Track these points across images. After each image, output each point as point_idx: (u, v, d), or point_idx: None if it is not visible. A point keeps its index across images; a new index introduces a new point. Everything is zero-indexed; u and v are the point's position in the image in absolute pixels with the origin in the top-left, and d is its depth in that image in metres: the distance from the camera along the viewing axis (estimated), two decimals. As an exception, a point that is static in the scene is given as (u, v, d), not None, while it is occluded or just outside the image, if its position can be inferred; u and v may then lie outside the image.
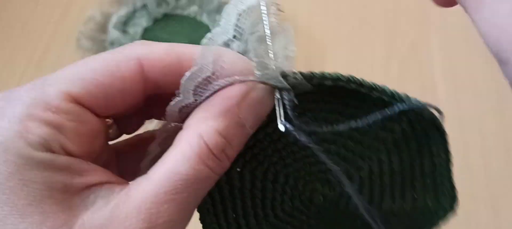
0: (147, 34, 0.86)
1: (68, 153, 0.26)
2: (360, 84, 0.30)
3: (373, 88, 0.30)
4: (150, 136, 0.34)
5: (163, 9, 0.88)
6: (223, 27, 0.30)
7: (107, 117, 0.31)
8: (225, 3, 0.86)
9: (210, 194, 0.31)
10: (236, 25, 0.31)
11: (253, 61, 0.29)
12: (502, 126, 0.72)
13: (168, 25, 0.87)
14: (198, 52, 0.28)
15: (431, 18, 0.83)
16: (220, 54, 0.28)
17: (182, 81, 0.28)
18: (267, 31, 0.30)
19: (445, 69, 0.78)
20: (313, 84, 0.30)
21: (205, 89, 0.28)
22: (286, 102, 0.29)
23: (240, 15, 0.31)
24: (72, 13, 0.90)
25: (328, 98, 0.31)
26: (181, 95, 0.28)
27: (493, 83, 0.75)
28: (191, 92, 0.28)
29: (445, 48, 0.80)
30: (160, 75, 0.29)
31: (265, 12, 0.31)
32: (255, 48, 0.30)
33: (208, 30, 0.86)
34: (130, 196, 0.25)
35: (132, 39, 0.84)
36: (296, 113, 0.29)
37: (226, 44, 0.30)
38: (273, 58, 0.29)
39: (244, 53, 0.30)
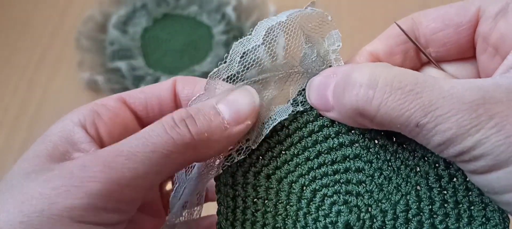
0: (147, 34, 0.86)
1: (98, 135, 0.33)
2: None
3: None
4: None
5: (163, 9, 0.88)
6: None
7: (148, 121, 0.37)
8: (225, 3, 0.87)
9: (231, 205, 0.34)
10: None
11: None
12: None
13: (168, 25, 0.87)
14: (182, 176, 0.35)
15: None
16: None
17: (170, 199, 0.36)
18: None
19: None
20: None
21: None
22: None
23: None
24: (71, 13, 0.89)
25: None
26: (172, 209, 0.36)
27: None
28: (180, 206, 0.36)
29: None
30: (187, 95, 0.36)
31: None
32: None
33: (208, 30, 0.86)
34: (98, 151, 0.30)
35: (132, 39, 0.84)
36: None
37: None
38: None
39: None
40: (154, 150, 0.29)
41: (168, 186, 0.41)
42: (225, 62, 0.33)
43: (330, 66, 0.35)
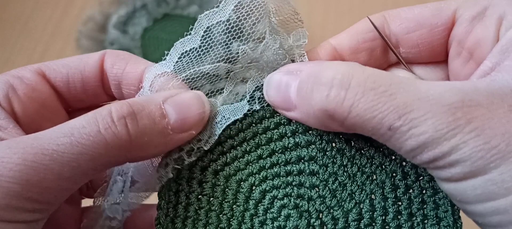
0: (147, 34, 0.86)
1: (12, 110, 0.31)
2: None
3: None
4: None
5: (163, 9, 0.88)
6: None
7: (72, 105, 0.35)
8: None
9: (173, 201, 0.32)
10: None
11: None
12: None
13: (168, 25, 0.87)
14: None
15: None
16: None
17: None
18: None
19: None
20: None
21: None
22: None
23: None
24: (71, 13, 0.89)
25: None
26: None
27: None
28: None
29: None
30: (116, 74, 0.33)
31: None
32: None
33: (208, 30, 0.86)
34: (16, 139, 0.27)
35: (132, 39, 0.84)
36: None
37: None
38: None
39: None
40: (82, 152, 0.26)
41: None
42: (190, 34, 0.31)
43: (292, 61, 0.32)
